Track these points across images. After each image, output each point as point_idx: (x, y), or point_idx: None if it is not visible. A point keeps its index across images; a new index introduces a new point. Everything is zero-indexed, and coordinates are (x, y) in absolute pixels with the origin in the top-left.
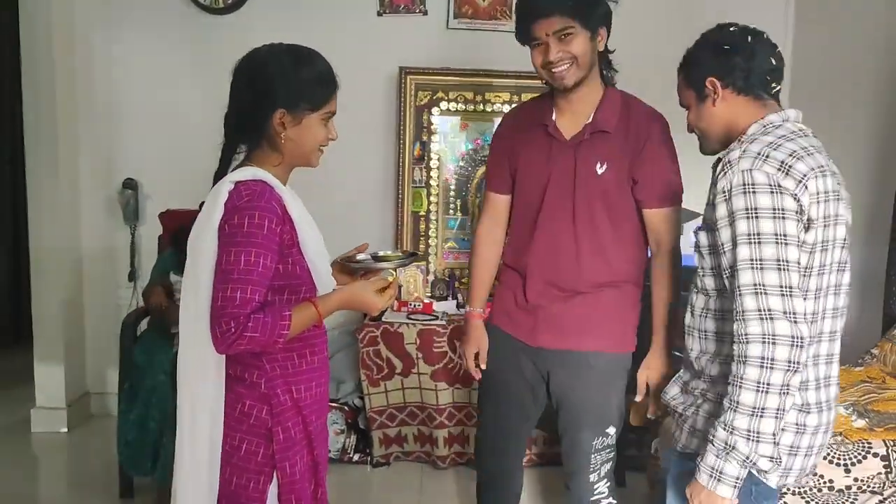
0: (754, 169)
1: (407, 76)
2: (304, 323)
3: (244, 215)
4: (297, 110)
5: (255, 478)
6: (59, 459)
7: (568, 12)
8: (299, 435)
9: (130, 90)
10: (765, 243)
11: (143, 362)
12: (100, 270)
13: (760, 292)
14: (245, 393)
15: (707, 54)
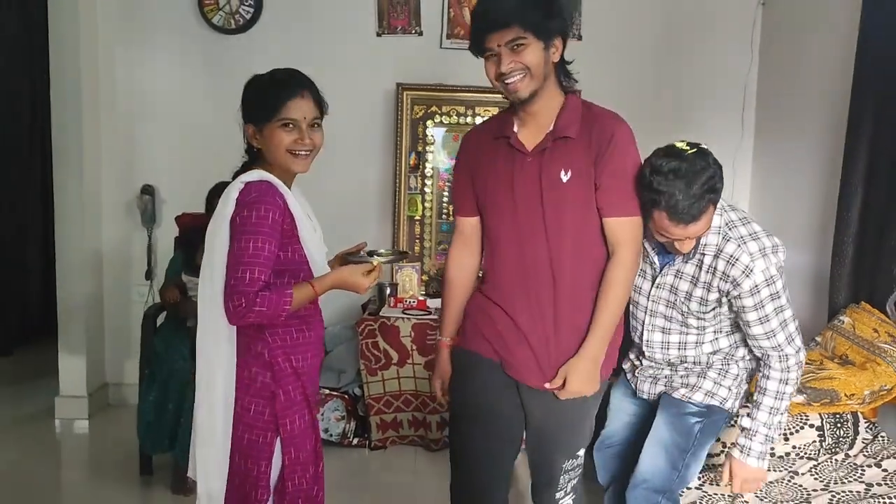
0: (769, 266)
1: (403, 91)
2: (303, 300)
3: (252, 208)
4: (258, 122)
5: (263, 434)
6: (81, 444)
7: (520, 23)
8: (299, 397)
9: (149, 104)
10: (785, 308)
11: (162, 350)
12: (119, 269)
13: (791, 340)
14: (252, 361)
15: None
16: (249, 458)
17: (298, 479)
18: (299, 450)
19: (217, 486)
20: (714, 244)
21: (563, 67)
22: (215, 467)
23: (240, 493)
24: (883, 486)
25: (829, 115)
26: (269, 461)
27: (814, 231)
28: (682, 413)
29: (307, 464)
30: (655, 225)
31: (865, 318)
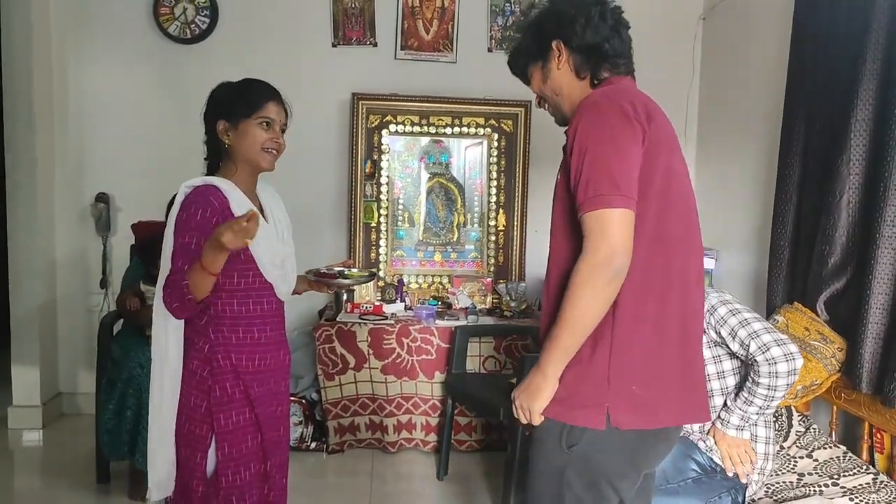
0: (723, 294)
1: (359, 101)
2: (198, 277)
3: (185, 210)
4: (233, 118)
5: (199, 425)
6: (36, 454)
7: (517, 71)
8: (238, 395)
9: (104, 112)
10: (763, 320)
11: (120, 357)
12: (73, 278)
13: (780, 343)
14: (194, 355)
15: None
16: (188, 448)
17: (232, 476)
18: (233, 446)
19: (164, 473)
20: None
21: (586, 62)
22: (164, 454)
23: (182, 480)
24: (814, 476)
25: (766, 126)
26: (205, 453)
27: (753, 236)
28: (689, 454)
29: (247, 461)
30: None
31: (798, 317)
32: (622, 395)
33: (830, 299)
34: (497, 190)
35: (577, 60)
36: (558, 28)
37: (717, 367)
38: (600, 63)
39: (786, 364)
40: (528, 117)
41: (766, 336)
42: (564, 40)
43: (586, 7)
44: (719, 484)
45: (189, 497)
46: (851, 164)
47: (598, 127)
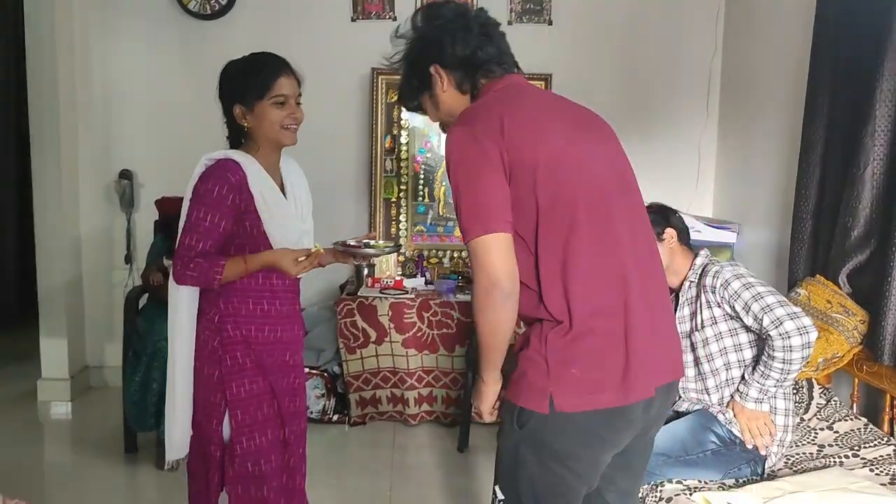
0: (738, 268)
1: (378, 76)
2: (235, 272)
3: (203, 182)
4: (247, 101)
5: (213, 393)
6: (65, 425)
7: (411, 108)
8: (249, 364)
9: (126, 89)
10: (777, 293)
11: (145, 331)
12: (98, 254)
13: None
14: (206, 325)
15: (666, 214)
16: (204, 415)
17: (247, 442)
18: (246, 413)
19: (177, 435)
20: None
21: (465, 76)
22: (179, 419)
23: (199, 444)
24: (834, 447)
25: (789, 98)
26: (221, 420)
27: (775, 210)
28: (709, 426)
29: (262, 428)
30: None
31: (820, 290)
32: (563, 380)
33: (853, 272)
34: None
35: (456, 77)
36: (430, 53)
37: (734, 341)
38: (476, 74)
39: (799, 338)
40: (547, 89)
41: (780, 310)
42: (439, 62)
43: (450, 23)
44: (738, 456)
45: (208, 461)
46: (876, 135)
47: (459, 163)
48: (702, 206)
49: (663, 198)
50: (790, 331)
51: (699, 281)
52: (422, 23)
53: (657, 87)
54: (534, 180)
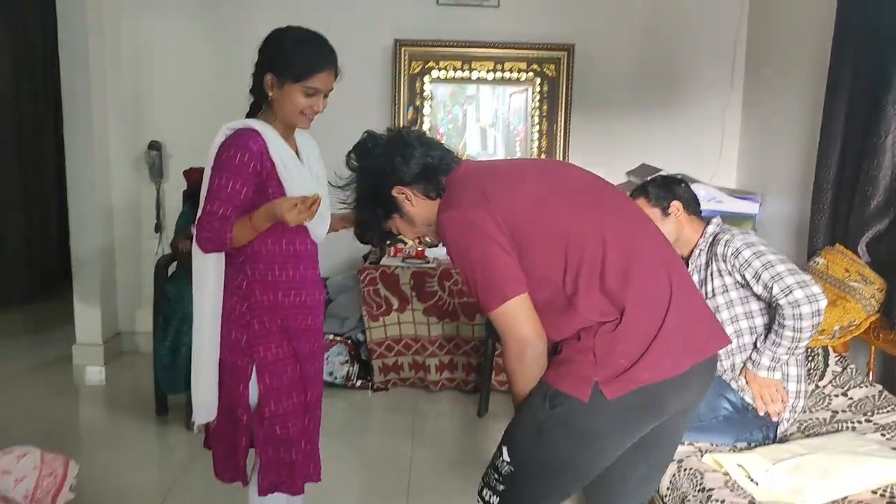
0: (749, 236)
1: (401, 47)
2: (244, 230)
3: (224, 150)
4: (281, 77)
5: (241, 357)
6: (98, 388)
7: (377, 236)
8: (275, 328)
9: (154, 61)
10: (787, 261)
11: (175, 297)
12: (128, 223)
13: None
14: (233, 291)
15: (670, 187)
16: (231, 379)
17: (275, 405)
18: (274, 377)
19: (207, 398)
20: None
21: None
22: (206, 383)
23: (227, 408)
24: (847, 413)
25: (813, 68)
26: (247, 383)
27: (797, 180)
28: (722, 393)
29: (287, 391)
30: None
31: (839, 258)
32: (609, 369)
33: (872, 240)
34: (539, 135)
35: (421, 188)
36: (386, 180)
37: (745, 308)
38: (437, 177)
39: (809, 306)
40: (570, 61)
41: (790, 278)
42: (400, 183)
43: (391, 147)
44: (751, 422)
45: (235, 424)
46: None
47: (458, 244)
48: (725, 177)
49: (686, 168)
50: (800, 299)
51: (710, 249)
52: (361, 160)
53: (681, 58)
54: (527, 223)
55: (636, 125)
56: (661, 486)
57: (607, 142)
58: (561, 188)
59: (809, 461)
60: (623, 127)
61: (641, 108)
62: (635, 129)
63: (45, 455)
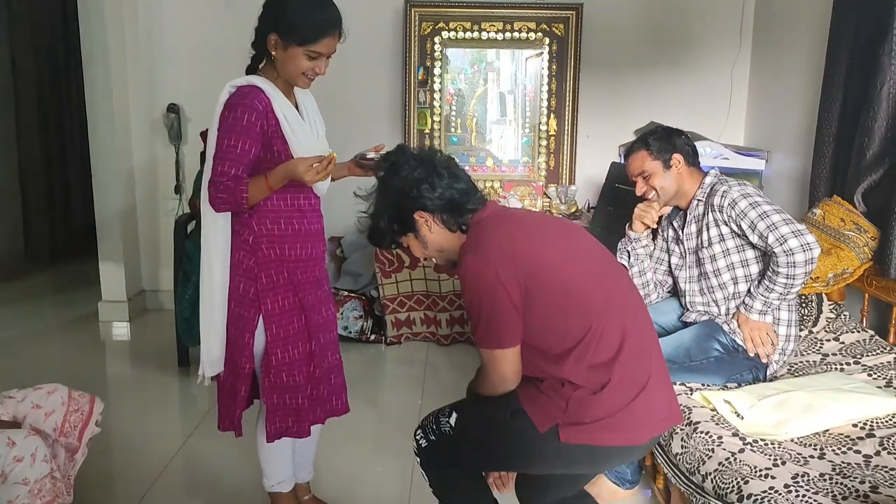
0: (745, 187)
1: (412, 9)
2: (259, 189)
3: (231, 111)
4: (286, 39)
5: (248, 309)
6: (124, 343)
7: (385, 245)
8: (283, 281)
9: (171, 28)
10: (783, 211)
11: (194, 253)
12: (149, 184)
13: (798, 234)
14: (240, 245)
15: (671, 140)
16: (237, 329)
17: (281, 354)
18: (280, 327)
19: (216, 353)
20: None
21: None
22: (214, 336)
23: (231, 358)
24: (837, 356)
25: (818, 25)
26: (252, 333)
27: (801, 137)
28: (713, 335)
29: (294, 340)
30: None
31: (835, 209)
32: (573, 420)
33: (867, 191)
34: (548, 95)
35: (442, 218)
36: (410, 202)
37: (741, 257)
38: (461, 212)
39: (803, 254)
40: (579, 20)
41: (784, 227)
42: (422, 209)
43: (422, 173)
44: (741, 363)
45: (237, 373)
46: (893, 53)
47: (474, 288)
48: (733, 134)
49: (694, 127)
50: (794, 248)
51: (707, 199)
52: (388, 175)
53: (689, 15)
54: (547, 284)
55: (644, 84)
56: None
57: (616, 101)
58: (578, 256)
59: (794, 397)
60: (631, 86)
61: (650, 67)
62: (644, 88)
63: (72, 392)
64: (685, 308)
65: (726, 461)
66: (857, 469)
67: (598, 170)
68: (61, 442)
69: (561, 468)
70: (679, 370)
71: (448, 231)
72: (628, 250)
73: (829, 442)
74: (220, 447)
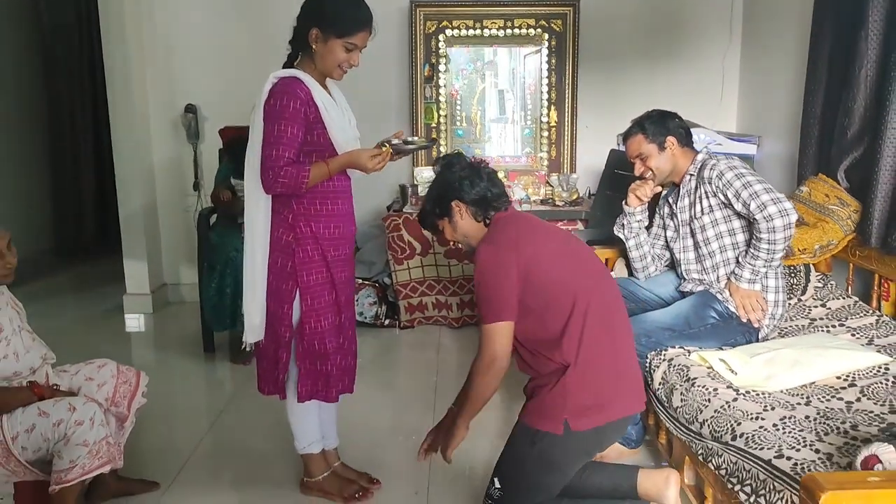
0: (732, 160)
1: (416, 8)
2: (320, 174)
3: (278, 98)
4: (326, 32)
5: (285, 282)
6: (149, 332)
7: (427, 228)
8: (316, 256)
9: (188, 31)
10: (765, 182)
11: (218, 243)
12: (169, 182)
13: (776, 201)
14: (280, 224)
15: (665, 123)
16: (276, 301)
17: (315, 323)
18: (315, 298)
19: (257, 321)
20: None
21: (479, 209)
22: (256, 307)
23: (271, 328)
24: (824, 320)
25: (803, 13)
26: (291, 305)
27: (790, 122)
28: (709, 304)
29: (325, 312)
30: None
31: (820, 186)
32: (577, 408)
33: (850, 168)
34: (548, 88)
35: (473, 210)
36: (452, 192)
37: (729, 226)
38: (488, 209)
39: (781, 219)
40: (576, 16)
41: (765, 196)
42: (459, 199)
43: (464, 170)
44: (735, 328)
45: (277, 341)
46: (869, 39)
47: (483, 269)
48: (726, 121)
49: (689, 115)
50: (773, 213)
51: (698, 174)
52: (442, 169)
53: (682, 9)
54: (542, 273)
55: (640, 75)
56: (654, 381)
57: (613, 92)
58: (574, 254)
59: (783, 354)
60: (628, 77)
61: (645, 59)
62: (639, 80)
63: (119, 366)
64: (681, 278)
65: (721, 408)
66: (840, 413)
67: (598, 158)
68: (112, 411)
69: (587, 458)
70: (678, 337)
71: (475, 221)
72: (624, 224)
73: (814, 392)
74: (251, 421)
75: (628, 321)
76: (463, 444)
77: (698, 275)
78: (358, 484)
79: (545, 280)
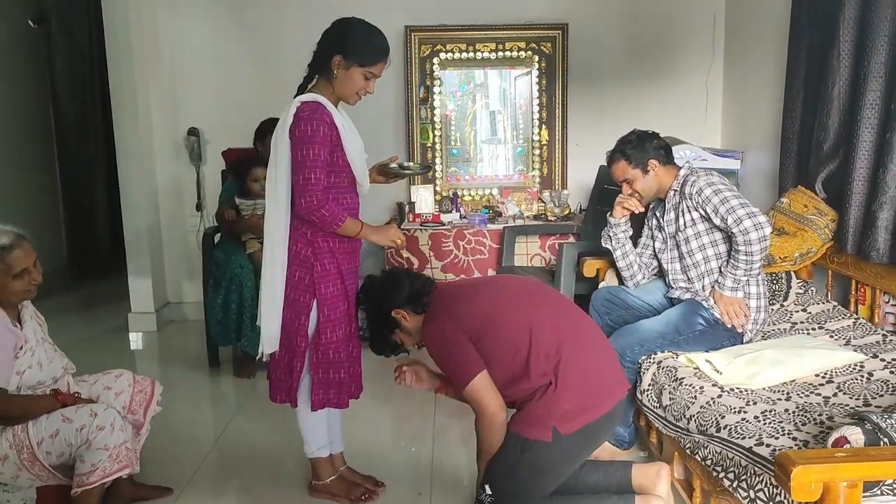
0: (711, 177)
1: (411, 33)
2: (352, 230)
3: (307, 123)
4: (349, 60)
5: (303, 294)
6: (154, 349)
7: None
8: (333, 269)
9: (191, 57)
10: (741, 197)
11: (223, 261)
12: (172, 203)
13: (751, 215)
14: (299, 239)
15: (645, 147)
16: (294, 312)
17: (330, 333)
18: (331, 309)
19: (275, 331)
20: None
21: (417, 306)
22: (274, 318)
23: (287, 338)
24: (805, 324)
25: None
26: (308, 316)
27: (772, 134)
28: (696, 311)
29: (339, 322)
30: None
31: (799, 196)
32: (564, 414)
33: (826, 179)
34: (539, 107)
35: (412, 308)
36: (388, 303)
37: (710, 238)
38: (421, 297)
39: (756, 232)
40: (565, 39)
41: (741, 210)
42: (397, 307)
43: (387, 284)
44: (721, 334)
45: (293, 351)
46: (841, 57)
47: (438, 346)
48: (711, 137)
49: (675, 132)
50: (748, 227)
51: (681, 190)
52: (366, 297)
53: (666, 31)
54: (485, 324)
55: (627, 95)
56: (643, 382)
57: (601, 111)
58: (504, 287)
59: (765, 354)
60: (615, 97)
61: (631, 79)
62: (627, 99)
63: (135, 376)
64: (669, 286)
65: (707, 404)
66: (818, 406)
67: (588, 174)
68: (129, 419)
69: (580, 458)
70: (668, 344)
71: (417, 315)
72: (610, 235)
73: (794, 389)
74: (258, 429)
75: (584, 314)
76: (464, 448)
77: (685, 283)
78: (364, 486)
79: (495, 329)
